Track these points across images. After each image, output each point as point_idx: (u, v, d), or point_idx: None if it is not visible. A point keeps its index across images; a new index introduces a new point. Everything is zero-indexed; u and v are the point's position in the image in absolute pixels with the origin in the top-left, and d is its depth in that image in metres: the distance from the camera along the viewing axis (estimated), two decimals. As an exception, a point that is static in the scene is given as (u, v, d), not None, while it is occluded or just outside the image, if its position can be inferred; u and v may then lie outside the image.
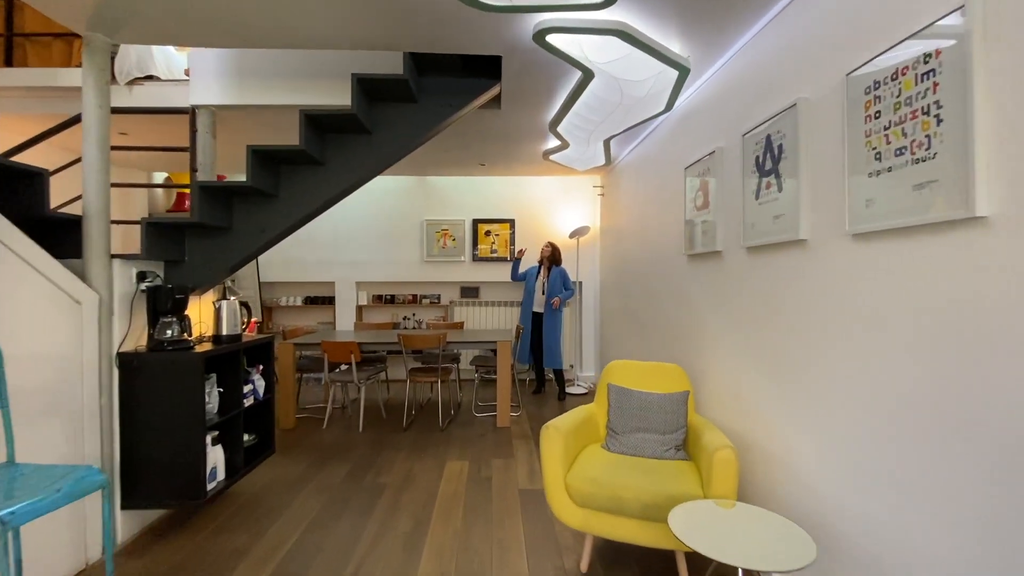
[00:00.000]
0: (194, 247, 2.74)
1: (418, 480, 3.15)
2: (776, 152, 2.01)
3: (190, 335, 2.55)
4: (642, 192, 3.93)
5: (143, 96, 3.40)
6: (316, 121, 2.69)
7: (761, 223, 2.11)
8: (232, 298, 2.85)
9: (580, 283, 6.00)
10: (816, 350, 1.78)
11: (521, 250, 5.47)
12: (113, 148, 2.61)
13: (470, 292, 6.22)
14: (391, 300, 6.20)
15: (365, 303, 6.17)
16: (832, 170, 1.70)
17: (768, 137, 2.06)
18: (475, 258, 6.05)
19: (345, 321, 6.05)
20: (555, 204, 6.05)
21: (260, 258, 6.04)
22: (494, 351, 4.41)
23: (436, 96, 2.82)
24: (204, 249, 2.75)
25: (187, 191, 5.40)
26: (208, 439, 2.56)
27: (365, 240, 6.11)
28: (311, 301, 6.17)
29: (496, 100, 3.14)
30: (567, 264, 5.59)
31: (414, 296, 6.20)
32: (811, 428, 1.81)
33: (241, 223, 2.77)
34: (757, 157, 2.14)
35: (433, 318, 6.20)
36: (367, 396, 5.20)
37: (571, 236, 5.62)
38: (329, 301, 6.17)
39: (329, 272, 6.10)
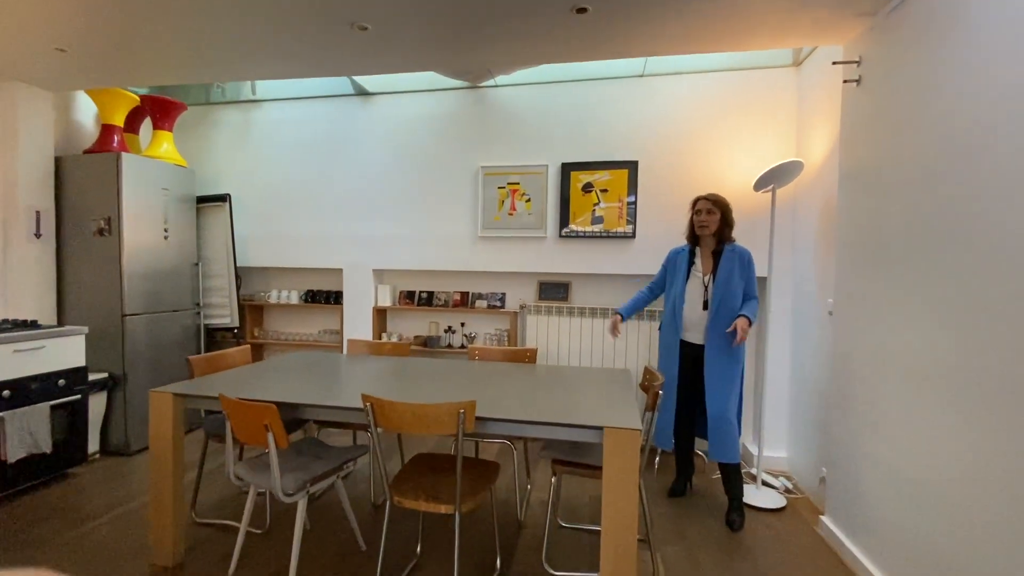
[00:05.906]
0: None
1: None
2: None
3: None
4: None
5: None
6: None
7: None
8: None
9: (764, 281, 3.17)
10: None
11: (616, 318, 2.58)
12: None
13: (554, 291, 3.65)
14: (427, 300, 3.84)
15: (389, 304, 3.88)
16: None
17: None
18: (564, 234, 3.47)
19: (360, 331, 3.81)
20: (725, 126, 3.23)
21: (237, 231, 4.00)
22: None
23: None
24: None
25: (114, 123, 3.45)
26: None
27: (387, 204, 3.79)
28: (312, 298, 4.02)
29: None
30: (745, 241, 2.79)
31: (463, 295, 3.78)
32: None
33: None
34: None
35: (492, 333, 3.73)
36: (339, 490, 2.88)
37: (757, 188, 2.81)
38: (338, 299, 3.97)
39: (334, 255, 3.90)
